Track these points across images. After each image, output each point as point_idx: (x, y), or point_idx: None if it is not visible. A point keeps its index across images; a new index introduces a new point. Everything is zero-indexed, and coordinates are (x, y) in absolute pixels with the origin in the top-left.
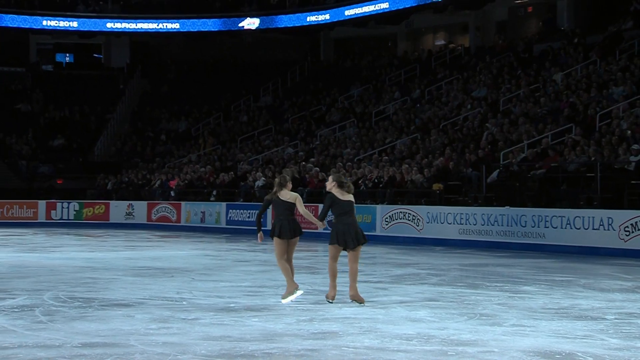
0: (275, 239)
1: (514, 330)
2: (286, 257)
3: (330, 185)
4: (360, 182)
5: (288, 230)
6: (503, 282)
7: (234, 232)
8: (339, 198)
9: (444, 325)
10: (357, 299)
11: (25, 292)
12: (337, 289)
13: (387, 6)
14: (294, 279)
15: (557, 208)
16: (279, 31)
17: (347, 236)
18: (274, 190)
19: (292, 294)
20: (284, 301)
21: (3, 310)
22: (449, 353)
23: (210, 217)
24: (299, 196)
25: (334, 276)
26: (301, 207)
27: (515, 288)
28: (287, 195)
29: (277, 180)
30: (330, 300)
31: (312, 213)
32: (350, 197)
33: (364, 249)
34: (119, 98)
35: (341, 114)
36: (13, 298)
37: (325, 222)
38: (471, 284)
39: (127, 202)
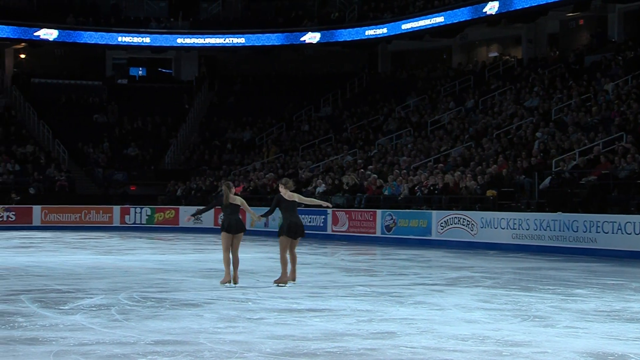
0: (223, 233)
1: (566, 332)
2: (232, 249)
3: (282, 189)
4: (416, 188)
5: (234, 226)
6: (555, 285)
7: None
8: (285, 198)
9: (499, 326)
10: (293, 278)
11: (101, 292)
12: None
13: (442, 20)
14: (237, 272)
15: (609, 214)
16: (338, 45)
17: (295, 230)
18: (225, 195)
19: (229, 283)
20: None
21: (82, 309)
22: (503, 353)
23: (274, 222)
24: (243, 200)
25: (285, 264)
26: (246, 207)
27: (567, 291)
28: (235, 199)
29: (224, 187)
30: (283, 285)
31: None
32: (295, 198)
33: (419, 253)
34: (188, 109)
35: (398, 123)
36: (91, 297)
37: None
38: (524, 286)
39: (196, 208)
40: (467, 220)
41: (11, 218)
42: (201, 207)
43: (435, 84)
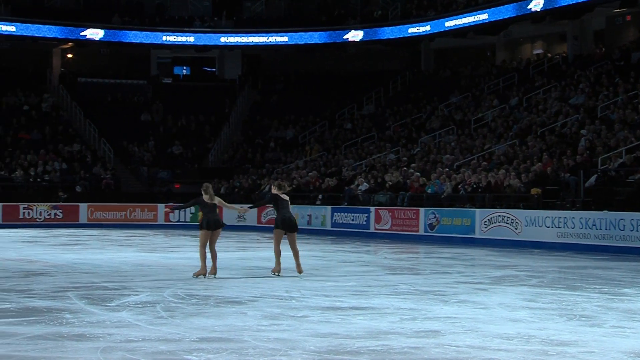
0: (203, 230)
1: (614, 331)
2: (209, 243)
3: (275, 190)
4: (459, 186)
5: (213, 224)
6: (602, 284)
7: (338, 234)
8: (281, 198)
9: (544, 325)
10: (298, 268)
11: (147, 289)
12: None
13: (486, 17)
14: (216, 264)
15: None
16: (381, 43)
17: (289, 224)
18: (204, 196)
19: (203, 275)
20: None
21: (128, 306)
22: (549, 353)
23: (316, 220)
24: (220, 199)
25: (279, 255)
26: (223, 205)
27: (614, 290)
28: (212, 199)
29: (205, 187)
30: (277, 274)
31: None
32: (287, 197)
33: (462, 251)
34: (231, 108)
35: (441, 121)
36: (136, 295)
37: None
38: (570, 285)
39: (239, 205)
40: (511, 219)
41: (58, 216)
42: (180, 204)
43: (478, 82)
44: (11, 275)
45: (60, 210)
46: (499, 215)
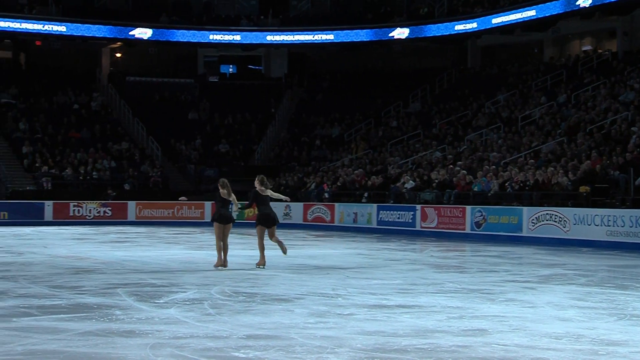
0: (215, 223)
1: None
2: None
3: (257, 184)
4: (506, 184)
5: (224, 218)
6: None
7: (384, 232)
8: (260, 193)
9: (594, 325)
10: (283, 250)
11: (194, 286)
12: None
13: (534, 14)
14: (227, 257)
15: None
16: (427, 40)
17: (268, 220)
18: (221, 191)
19: (219, 267)
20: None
21: (176, 303)
22: (599, 352)
23: (362, 218)
24: (234, 195)
25: (263, 249)
26: (235, 202)
27: None
28: (229, 195)
29: (222, 183)
30: (262, 267)
31: None
32: (268, 193)
33: (509, 250)
34: (277, 106)
35: (488, 118)
36: (184, 292)
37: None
38: (620, 284)
39: (285, 204)
40: (559, 217)
41: (107, 213)
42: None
43: (526, 79)
44: (62, 272)
45: (109, 208)
46: (547, 214)
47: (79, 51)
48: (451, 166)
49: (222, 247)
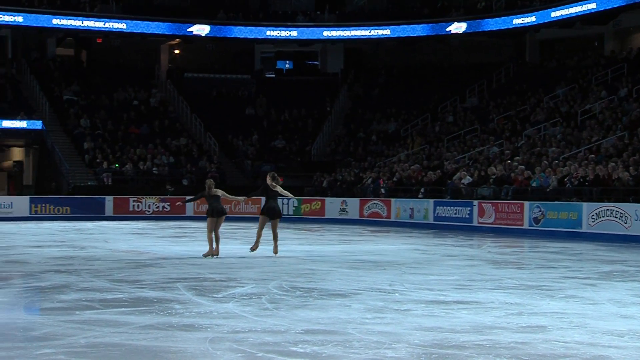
0: (209, 217)
1: None
2: (215, 229)
3: (268, 180)
4: (565, 180)
5: (217, 212)
6: None
7: (441, 227)
8: (270, 188)
9: None
10: (275, 249)
11: (252, 281)
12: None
13: (595, 6)
14: (219, 246)
15: None
16: (485, 34)
17: (273, 212)
18: (207, 190)
19: (210, 256)
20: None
21: (234, 298)
22: None
23: (419, 214)
24: (223, 191)
25: (259, 236)
26: (225, 196)
27: None
28: (216, 191)
29: (207, 183)
30: (253, 251)
31: None
32: (277, 189)
33: (568, 246)
34: (334, 102)
35: (546, 113)
36: (242, 286)
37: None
38: None
39: (341, 199)
40: (621, 213)
41: (166, 208)
42: (191, 197)
43: (585, 73)
44: (123, 266)
45: (168, 203)
46: (607, 209)
47: (139, 48)
48: (509, 161)
49: (215, 238)
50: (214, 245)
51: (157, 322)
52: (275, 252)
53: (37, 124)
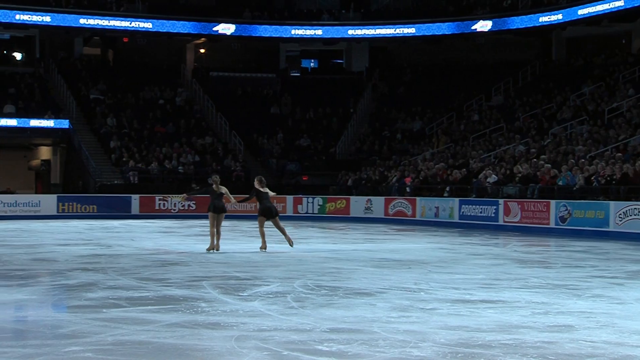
0: (210, 213)
1: None
2: (216, 225)
3: (257, 184)
4: (592, 178)
5: (218, 208)
6: None
7: (466, 226)
8: (260, 190)
9: None
10: (289, 242)
11: (277, 279)
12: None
13: (622, 4)
14: (219, 242)
15: None
16: (510, 32)
17: (268, 212)
18: (214, 186)
19: (213, 250)
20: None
21: (259, 296)
22: None
23: (444, 212)
24: (226, 188)
25: (263, 235)
26: (227, 195)
27: None
28: (220, 188)
29: (214, 179)
30: (264, 250)
31: None
32: (267, 190)
33: (595, 245)
34: (358, 100)
35: (573, 111)
36: (267, 285)
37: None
38: None
39: (366, 198)
40: None
41: (192, 207)
42: (194, 192)
43: (613, 71)
44: (149, 265)
45: (194, 202)
46: (635, 208)
47: (165, 47)
48: (535, 160)
49: (215, 233)
50: (215, 241)
51: (183, 320)
52: (291, 244)
53: (65, 123)
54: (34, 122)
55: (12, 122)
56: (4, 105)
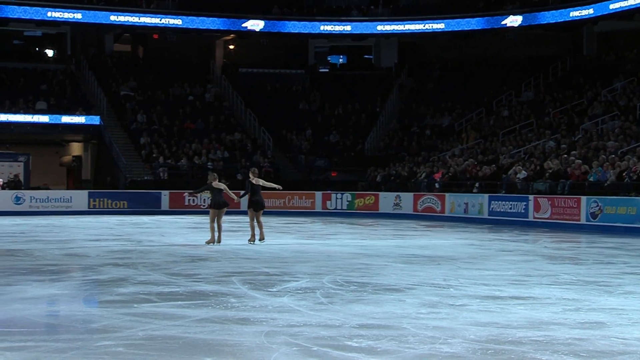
0: (211, 209)
1: None
2: (216, 220)
3: (251, 176)
4: (624, 174)
5: (219, 204)
6: None
7: (496, 222)
8: (254, 183)
9: None
10: (261, 236)
11: (306, 275)
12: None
13: None
14: (220, 234)
15: None
16: (541, 27)
17: (257, 205)
18: (212, 182)
19: (212, 243)
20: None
21: (289, 292)
22: None
23: (473, 208)
24: (225, 185)
25: (253, 228)
26: (226, 191)
27: None
28: (219, 185)
29: (212, 176)
30: (252, 242)
31: None
32: (260, 183)
33: (627, 241)
34: (387, 96)
35: (604, 107)
36: (297, 281)
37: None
38: None
39: (395, 194)
40: None
41: None
42: (198, 189)
43: None
44: (179, 260)
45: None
46: None
47: (194, 44)
48: (565, 156)
49: (217, 227)
50: (216, 235)
51: (213, 316)
52: (262, 238)
53: (95, 120)
54: (66, 119)
55: (44, 118)
56: (36, 102)
